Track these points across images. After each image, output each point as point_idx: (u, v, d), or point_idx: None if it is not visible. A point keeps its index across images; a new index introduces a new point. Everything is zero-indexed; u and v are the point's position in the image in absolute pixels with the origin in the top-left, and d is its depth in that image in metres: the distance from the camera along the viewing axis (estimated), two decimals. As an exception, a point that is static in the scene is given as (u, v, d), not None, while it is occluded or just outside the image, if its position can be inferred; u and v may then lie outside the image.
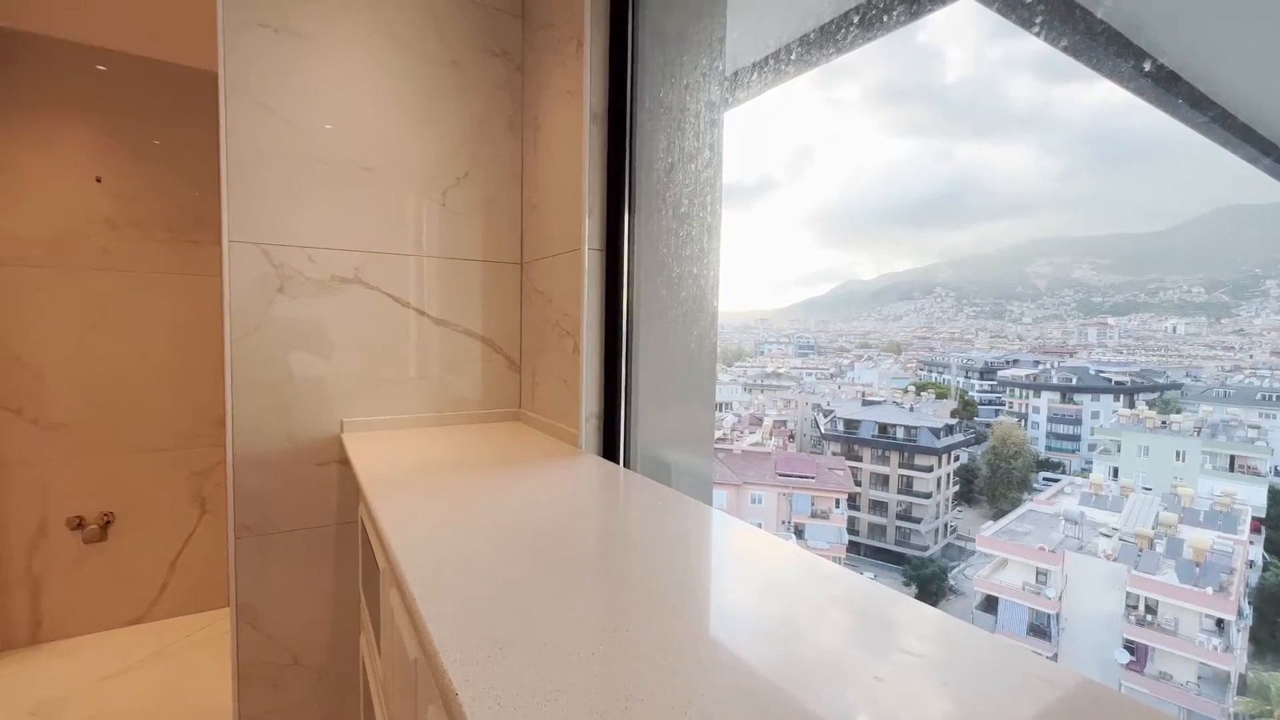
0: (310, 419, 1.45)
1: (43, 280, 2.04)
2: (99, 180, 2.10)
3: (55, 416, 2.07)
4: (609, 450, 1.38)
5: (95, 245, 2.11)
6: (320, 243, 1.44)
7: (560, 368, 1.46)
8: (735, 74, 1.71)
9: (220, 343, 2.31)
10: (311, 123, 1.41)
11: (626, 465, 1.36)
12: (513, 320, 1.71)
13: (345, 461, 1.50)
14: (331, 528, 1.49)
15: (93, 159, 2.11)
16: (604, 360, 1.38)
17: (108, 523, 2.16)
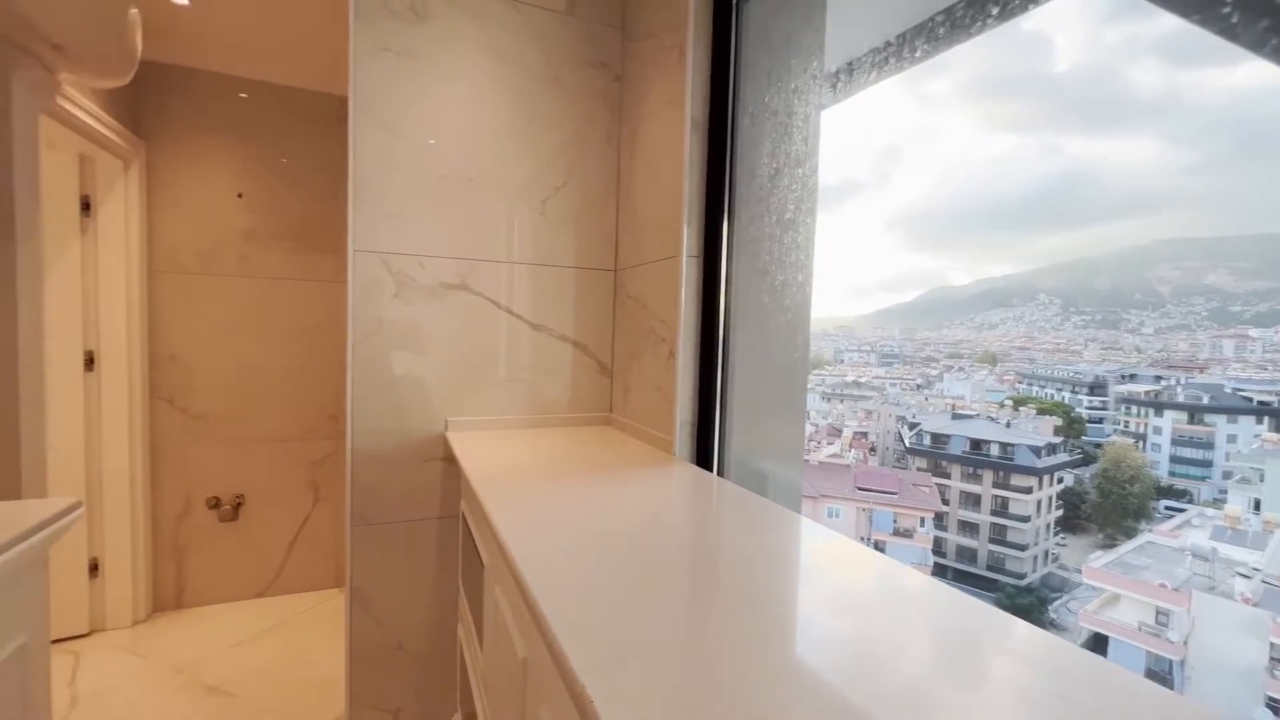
0: (418, 417, 1.55)
1: (194, 286, 2.30)
2: (240, 196, 2.35)
3: (200, 407, 2.33)
4: (703, 458, 1.38)
5: (235, 254, 2.36)
6: (430, 251, 1.54)
7: (654, 374, 1.47)
8: (835, 74, 1.67)
9: (331, 344, 2.51)
10: (425, 138, 1.51)
11: (720, 473, 1.35)
12: (605, 326, 1.74)
13: (448, 459, 1.58)
14: (434, 521, 1.58)
15: (234, 177, 2.36)
16: (699, 367, 1.38)
17: (239, 504, 2.40)
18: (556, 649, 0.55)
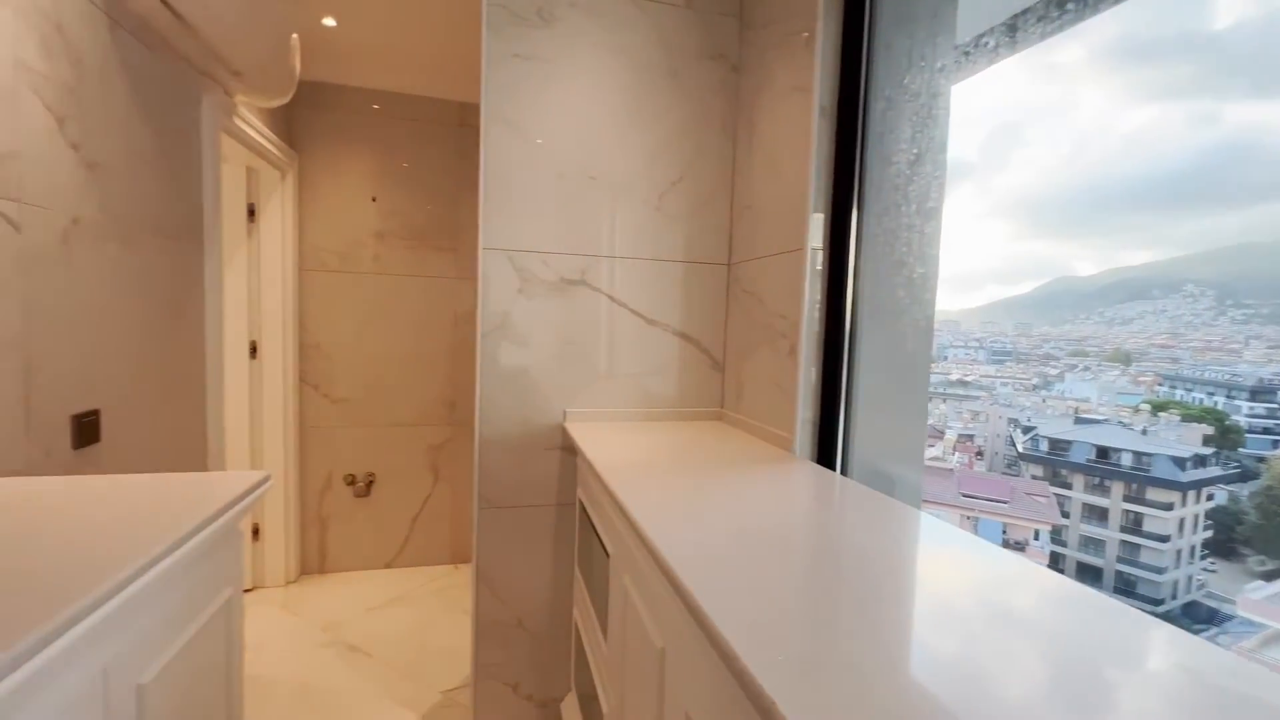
0: (538, 407, 1.61)
1: (335, 283, 2.54)
2: (374, 200, 2.56)
3: (339, 393, 2.57)
4: (824, 457, 1.33)
5: (369, 254, 2.58)
6: (552, 248, 1.59)
7: (773, 370, 1.44)
8: (964, 49, 1.55)
9: (448, 336, 2.68)
10: (548, 139, 1.56)
11: (843, 474, 1.30)
12: (717, 321, 1.73)
13: (566, 448, 1.64)
14: (552, 508, 1.65)
15: (367, 182, 2.57)
16: (823, 364, 1.33)
17: (371, 482, 2.63)
18: (726, 648, 0.55)
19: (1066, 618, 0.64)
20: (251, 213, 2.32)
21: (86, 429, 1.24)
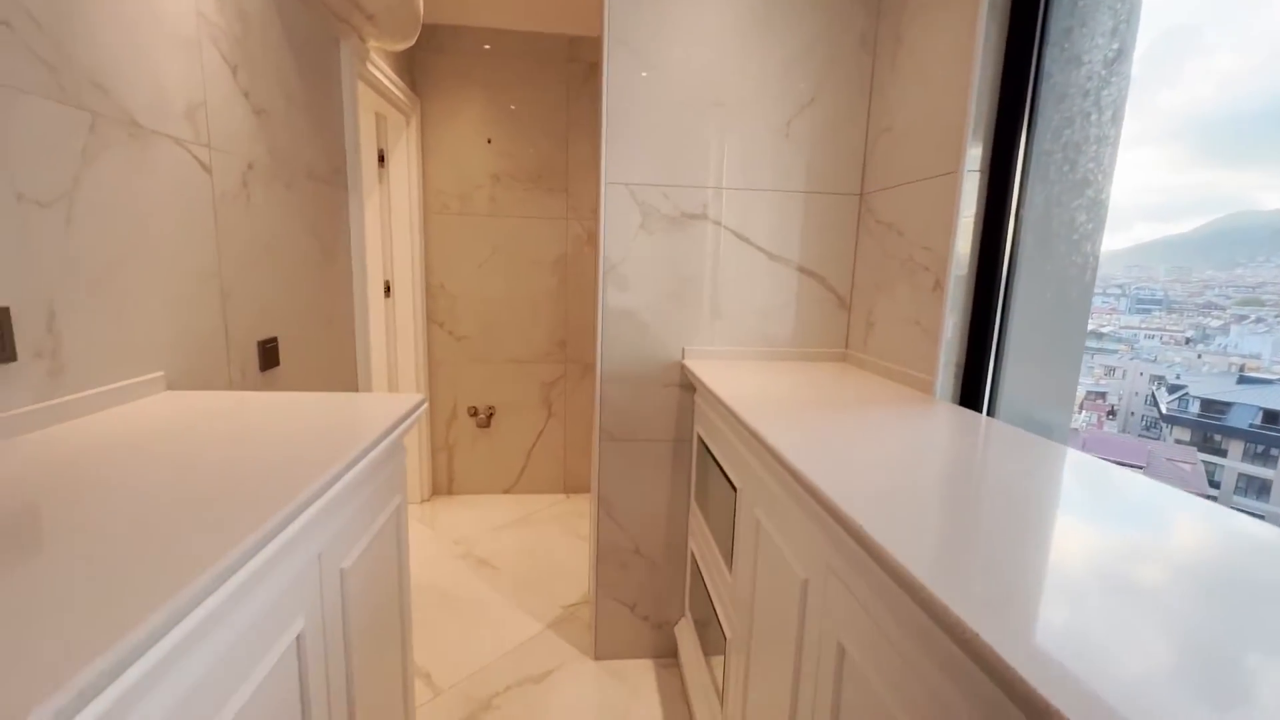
0: (659, 345, 1.62)
1: (456, 225, 2.66)
2: (489, 141, 2.61)
3: (462, 330, 2.74)
4: (968, 401, 1.24)
5: (485, 195, 2.66)
6: (673, 181, 1.55)
7: (911, 308, 1.34)
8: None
9: (559, 277, 2.75)
10: (673, 66, 1.50)
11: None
12: (845, 255, 1.63)
13: (684, 385, 1.65)
14: (669, 443, 1.68)
15: (482, 124, 2.62)
16: (974, 300, 1.22)
17: (491, 414, 2.82)
18: (935, 604, 0.51)
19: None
20: (381, 158, 2.46)
21: (269, 354, 1.41)
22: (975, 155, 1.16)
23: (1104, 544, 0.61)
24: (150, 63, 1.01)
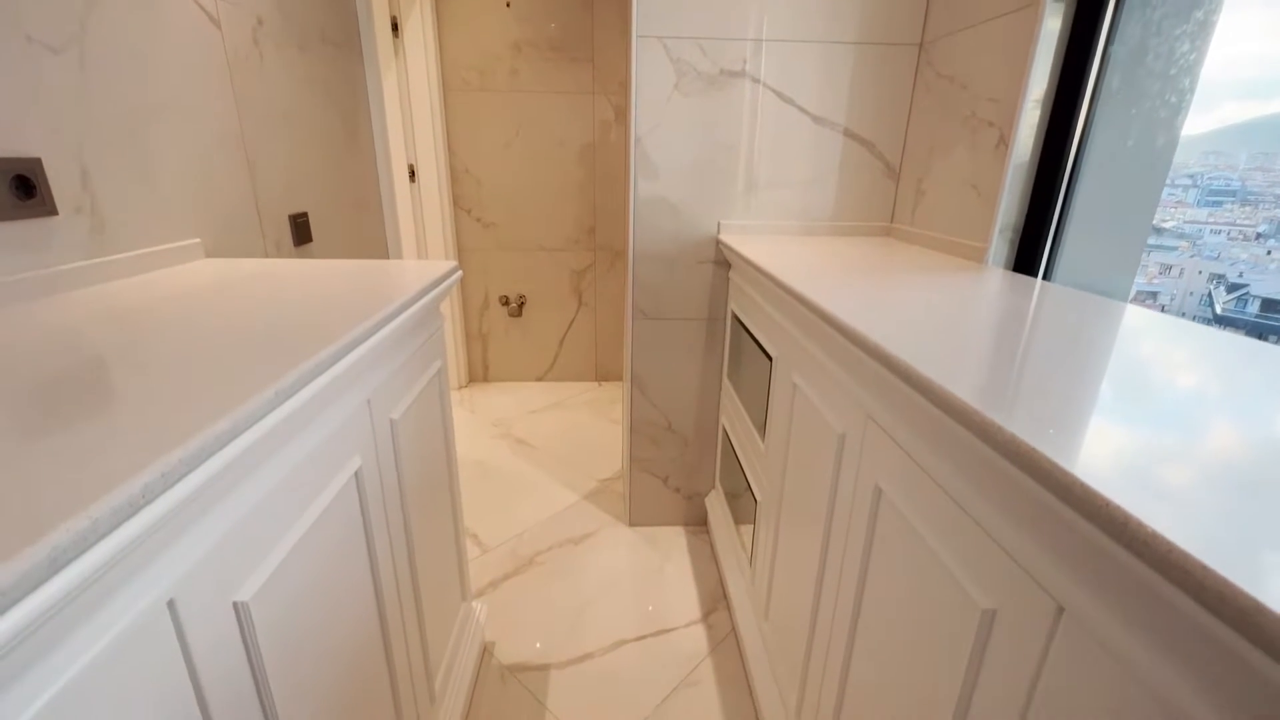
0: (693, 219, 1.56)
1: (476, 102, 2.52)
2: (509, 4, 2.40)
3: (490, 217, 2.69)
4: (1024, 270, 1.18)
5: (506, 68, 2.49)
6: (711, 33, 1.41)
7: (969, 170, 1.24)
8: None
9: (586, 158, 2.62)
10: (713, -112, 1.30)
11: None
12: (897, 117, 1.49)
13: (719, 261, 1.60)
14: (702, 322, 1.66)
15: (500, -14, 2.40)
16: (1040, 158, 1.12)
17: (522, 303, 2.83)
18: (1037, 456, 0.52)
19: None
20: (395, 27, 2.29)
21: (301, 229, 1.40)
22: (1063, -19, 1.01)
23: (1165, 387, 0.59)
24: (139, -111, 0.92)
